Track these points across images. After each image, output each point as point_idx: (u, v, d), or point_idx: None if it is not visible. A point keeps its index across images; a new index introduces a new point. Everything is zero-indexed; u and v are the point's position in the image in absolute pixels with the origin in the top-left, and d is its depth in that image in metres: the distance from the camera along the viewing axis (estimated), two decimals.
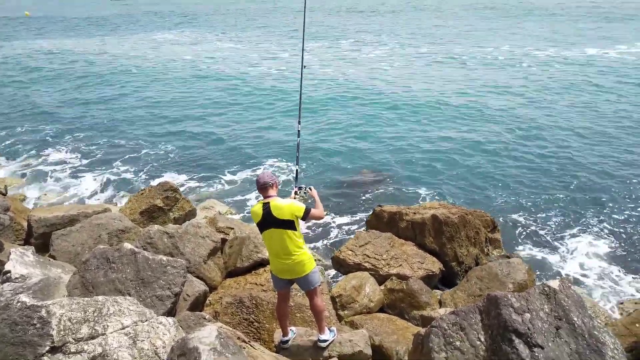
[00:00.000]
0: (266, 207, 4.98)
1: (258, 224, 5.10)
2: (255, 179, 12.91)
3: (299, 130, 6.73)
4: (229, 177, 13.74)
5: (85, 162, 15.12)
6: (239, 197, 12.50)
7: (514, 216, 10.91)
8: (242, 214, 11.46)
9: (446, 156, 14.51)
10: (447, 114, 18.68)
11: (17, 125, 19.17)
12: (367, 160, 14.63)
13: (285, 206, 4.93)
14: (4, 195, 10.80)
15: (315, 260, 5.36)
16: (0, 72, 30.87)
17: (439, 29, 46.14)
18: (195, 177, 13.82)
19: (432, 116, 18.57)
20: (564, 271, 8.99)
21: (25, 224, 8.87)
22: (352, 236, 9.50)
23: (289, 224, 4.94)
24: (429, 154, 14.81)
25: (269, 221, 4.97)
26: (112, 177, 13.90)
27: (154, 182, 12.68)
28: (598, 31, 39.80)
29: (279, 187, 5.38)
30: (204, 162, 14.91)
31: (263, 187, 5.07)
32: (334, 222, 10.99)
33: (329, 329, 5.50)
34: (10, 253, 5.82)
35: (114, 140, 17.07)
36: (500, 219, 10.51)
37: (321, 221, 10.65)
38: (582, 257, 9.37)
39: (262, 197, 5.16)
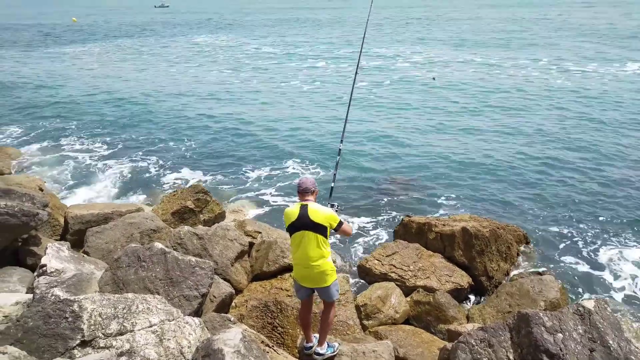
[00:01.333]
0: (304, 209, 5.03)
1: (290, 225, 5.11)
2: (293, 183, 13.25)
3: (340, 149, 6.76)
4: (260, 181, 13.87)
5: (117, 163, 15.57)
6: (268, 202, 12.58)
7: (548, 232, 10.57)
8: (270, 219, 11.53)
9: (479, 168, 14.23)
10: (484, 125, 18.34)
11: (52, 122, 20.02)
12: (397, 168, 14.51)
13: (323, 211, 5.03)
14: (42, 191, 11.22)
15: (340, 267, 5.37)
16: (40, 73, 32.28)
17: (477, 35, 45.52)
18: (226, 180, 14.02)
19: (467, 127, 18.27)
20: (599, 291, 8.63)
21: (62, 220, 9.19)
22: (378, 245, 9.42)
23: (322, 230, 4.99)
24: (461, 164, 14.55)
25: (303, 223, 5.01)
26: (146, 179, 14.25)
27: (187, 184, 12.96)
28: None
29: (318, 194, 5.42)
30: (236, 165, 15.11)
31: (304, 192, 5.15)
32: (361, 230, 10.91)
33: (328, 344, 5.44)
34: (47, 248, 6.04)
35: (148, 141, 17.55)
36: (534, 234, 10.21)
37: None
38: (620, 277, 8.98)
39: (299, 200, 5.22)
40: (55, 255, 5.89)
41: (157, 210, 10.10)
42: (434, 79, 16.24)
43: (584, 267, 9.33)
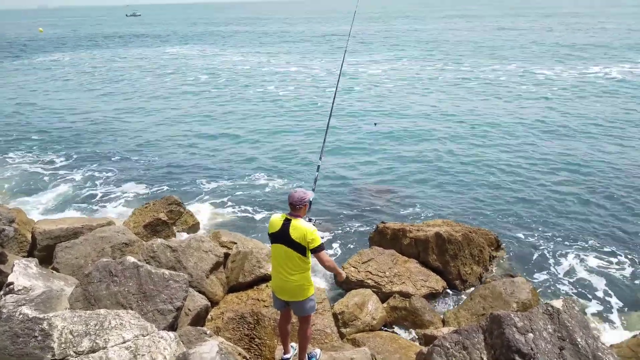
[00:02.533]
0: (286, 223, 4.90)
1: (271, 235, 5.02)
2: (268, 193, 13.19)
3: (318, 166, 6.64)
4: (234, 191, 13.77)
5: (89, 174, 15.23)
6: (243, 212, 12.51)
7: (519, 235, 10.84)
8: (245, 228, 11.45)
9: (451, 174, 14.51)
10: (454, 132, 18.72)
11: (19, 136, 19.47)
12: (371, 176, 14.65)
13: (305, 230, 4.82)
14: (7, 206, 10.87)
15: (316, 274, 5.34)
16: (7, 84, 31.37)
17: (449, 42, 46.57)
18: (200, 191, 13.87)
19: (439, 134, 18.62)
20: (568, 291, 8.89)
21: (29, 235, 8.92)
22: (355, 252, 9.48)
23: (301, 249, 4.86)
24: (433, 171, 14.81)
25: (282, 237, 4.91)
26: (116, 191, 13.97)
27: (159, 196, 12.75)
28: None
29: (308, 207, 5.19)
30: (209, 175, 14.98)
31: (290, 206, 4.99)
32: (336, 238, 10.96)
33: (308, 356, 5.43)
34: (14, 265, 5.85)
35: (118, 153, 17.24)
36: (505, 238, 10.45)
37: (324, 236, 10.65)
38: (587, 277, 9.27)
39: (286, 212, 5.08)
40: (23, 272, 5.70)
41: (128, 224, 9.92)
42: (375, 124, 16.84)
43: (553, 268, 9.60)
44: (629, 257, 9.93)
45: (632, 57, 35.13)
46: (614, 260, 9.84)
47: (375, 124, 16.80)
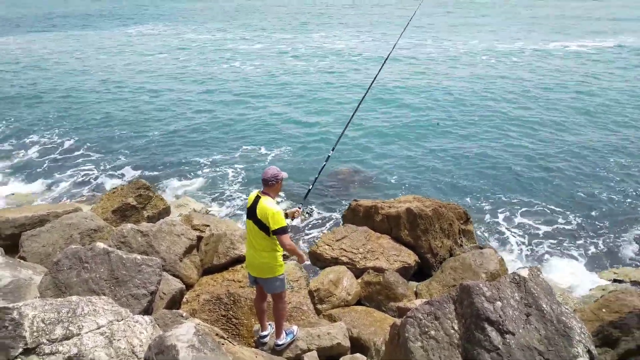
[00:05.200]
0: (256, 200, 5.00)
1: (247, 210, 5.14)
2: (242, 173, 13.05)
3: (329, 156, 6.55)
4: (204, 174, 13.60)
5: (54, 159, 14.75)
6: (214, 194, 12.40)
7: (487, 208, 11.17)
8: (218, 211, 11.37)
9: (420, 150, 14.73)
10: (424, 106, 18.92)
11: None
12: (343, 156, 14.71)
13: (268, 210, 4.84)
14: None
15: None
16: None
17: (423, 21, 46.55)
18: (169, 175, 13.63)
19: (406, 110, 18.77)
20: (534, 260, 9.27)
21: None
22: (328, 230, 9.57)
23: (264, 228, 4.91)
24: (403, 148, 15.00)
25: (251, 213, 5.01)
26: (83, 175, 13.59)
27: (127, 180, 12.49)
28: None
29: (281, 185, 5.19)
30: (179, 159, 14.72)
31: (263, 182, 5.04)
32: (310, 217, 11.02)
33: (285, 332, 5.52)
34: None
35: (83, 136, 16.69)
36: (473, 212, 10.75)
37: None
38: (553, 247, 9.68)
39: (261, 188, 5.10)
40: None
41: (96, 209, 9.69)
42: (438, 124, 16.89)
43: (520, 239, 9.97)
44: (592, 224, 10.39)
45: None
46: (578, 228, 10.29)
47: (438, 123, 16.88)
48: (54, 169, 14.06)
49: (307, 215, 5.52)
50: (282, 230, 4.85)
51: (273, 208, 4.88)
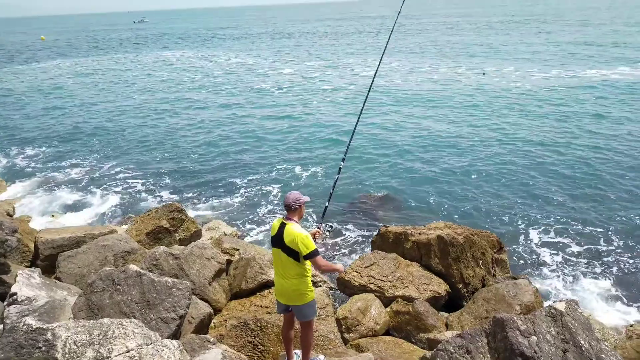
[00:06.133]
0: (282, 227, 4.96)
1: (272, 238, 5.10)
2: (269, 198, 13.21)
3: (340, 168, 6.54)
4: (236, 197, 13.80)
5: (92, 181, 15.30)
6: (245, 218, 12.53)
7: (521, 237, 10.84)
8: (247, 235, 11.46)
9: (453, 177, 14.53)
10: (457, 136, 18.74)
11: (23, 144, 19.54)
12: (373, 180, 14.68)
13: (297, 235, 4.82)
14: (11, 216, 10.90)
15: (320, 281, 5.34)
16: (15, 91, 31.55)
17: (465, 45, 46.63)
18: (201, 197, 13.90)
19: (439, 137, 18.64)
20: (571, 293, 8.88)
21: (32, 245, 8.94)
22: (357, 256, 9.48)
23: (293, 254, 4.88)
24: (435, 174, 14.83)
25: (278, 241, 4.97)
26: (119, 198, 14.01)
27: (161, 203, 12.79)
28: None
29: (304, 209, 5.22)
30: (211, 182, 15.02)
31: (286, 208, 5.04)
32: (339, 242, 10.96)
33: None
34: (17, 275, 5.87)
35: (119, 161, 17.29)
36: (507, 240, 10.44)
37: (326, 242, 10.67)
38: (590, 279, 9.26)
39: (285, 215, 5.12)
40: (26, 283, 5.73)
41: (131, 231, 9.93)
42: (484, 74, 17.03)
43: (555, 270, 9.59)
44: (633, 252, 9.92)
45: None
46: (617, 261, 9.83)
47: (484, 73, 17.10)
48: (91, 191, 14.56)
49: (327, 234, 5.45)
50: (314, 253, 4.82)
51: (301, 232, 4.86)
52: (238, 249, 8.67)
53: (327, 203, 6.18)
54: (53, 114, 25.31)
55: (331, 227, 5.54)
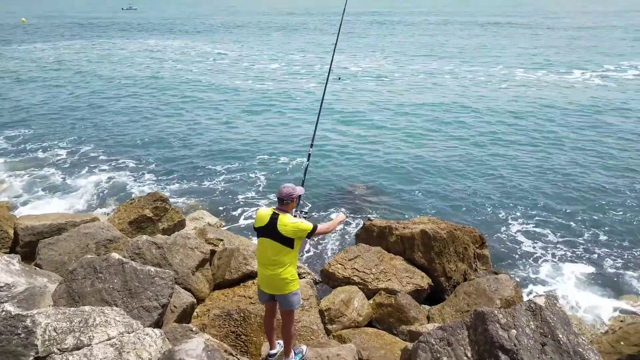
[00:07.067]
0: (274, 217, 4.93)
1: (257, 229, 5.04)
2: (254, 189, 13.17)
3: (309, 154, 6.53)
4: (220, 188, 13.71)
5: (73, 169, 15.03)
6: (229, 208, 12.47)
7: (502, 233, 11.01)
8: (232, 225, 11.41)
9: (437, 172, 14.64)
10: (440, 131, 18.88)
11: (6, 129, 19.11)
12: (359, 174, 14.72)
13: (291, 224, 4.87)
14: None
15: (304, 273, 5.36)
16: None
17: (447, 44, 46.81)
18: (185, 187, 13.78)
19: (424, 132, 18.76)
20: (550, 288, 9.06)
21: (11, 232, 8.77)
22: (341, 249, 9.52)
23: (289, 242, 4.90)
24: (419, 169, 14.93)
25: (270, 231, 4.93)
26: (101, 186, 13.81)
27: (144, 192, 12.65)
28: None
29: (297, 201, 5.28)
30: (195, 172, 14.89)
31: (279, 201, 5.03)
32: (323, 235, 10.98)
33: (294, 352, 5.46)
34: None
35: (103, 148, 17.02)
36: (489, 236, 10.59)
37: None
38: (569, 274, 9.46)
39: (275, 205, 5.11)
40: (5, 269, 5.61)
41: (113, 220, 9.81)
42: (339, 78, 17.58)
43: (536, 266, 9.77)
44: (612, 253, 10.15)
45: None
46: (597, 257, 10.05)
47: (339, 77, 17.67)
48: (73, 178, 14.32)
49: (304, 220, 5.48)
50: (315, 228, 4.94)
51: (297, 221, 4.94)
52: (222, 240, 8.64)
53: (302, 191, 6.18)
54: (34, 98, 24.78)
55: (306, 213, 5.59)
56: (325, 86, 8.13)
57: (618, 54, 37.97)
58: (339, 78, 17.80)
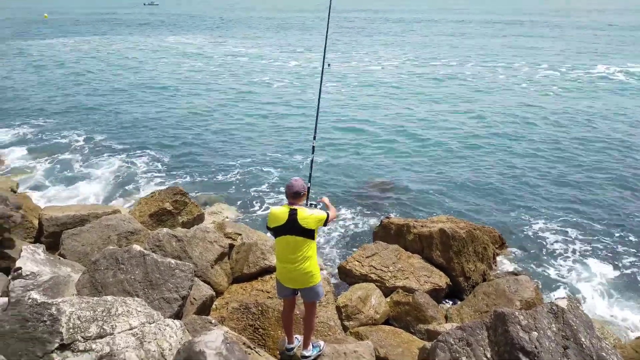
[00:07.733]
0: (293, 213, 4.92)
1: (276, 228, 5.01)
2: (270, 184, 13.25)
3: (313, 147, 6.51)
4: (238, 182, 13.81)
5: (95, 162, 15.31)
6: (247, 203, 12.54)
7: (523, 233, 10.83)
8: (250, 220, 11.49)
9: (456, 171, 14.49)
10: (461, 129, 18.68)
11: (27, 121, 19.56)
12: (377, 171, 14.65)
13: (310, 216, 4.93)
14: (15, 192, 10.93)
15: (321, 269, 5.38)
16: (18, 68, 31.49)
17: (457, 46, 46.30)
18: (204, 181, 13.91)
19: (444, 130, 18.58)
20: (572, 290, 8.90)
21: (36, 222, 8.98)
22: (359, 246, 9.51)
23: (310, 234, 4.94)
24: (439, 167, 14.80)
25: (292, 228, 4.92)
26: (123, 179, 14.03)
27: (164, 186, 12.81)
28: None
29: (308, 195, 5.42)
30: (213, 166, 15.02)
31: (294, 195, 5.01)
32: (341, 231, 10.98)
33: (313, 345, 5.47)
34: (21, 250, 5.89)
35: (124, 141, 17.28)
36: (509, 236, 10.44)
37: (327, 229, 10.69)
38: (592, 277, 9.27)
39: (286, 202, 5.12)
40: (31, 258, 5.75)
41: (134, 212, 9.96)
42: (329, 65, 18.23)
43: (557, 267, 9.60)
44: (635, 256, 9.91)
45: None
46: (620, 259, 9.83)
47: (329, 64, 18.29)
48: (95, 171, 14.58)
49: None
50: (327, 216, 5.10)
51: (314, 212, 5.01)
52: (240, 234, 8.69)
53: (308, 184, 6.15)
54: (55, 91, 25.31)
55: (316, 206, 5.58)
56: (321, 79, 7.85)
57: None
58: (329, 65, 18.09)
